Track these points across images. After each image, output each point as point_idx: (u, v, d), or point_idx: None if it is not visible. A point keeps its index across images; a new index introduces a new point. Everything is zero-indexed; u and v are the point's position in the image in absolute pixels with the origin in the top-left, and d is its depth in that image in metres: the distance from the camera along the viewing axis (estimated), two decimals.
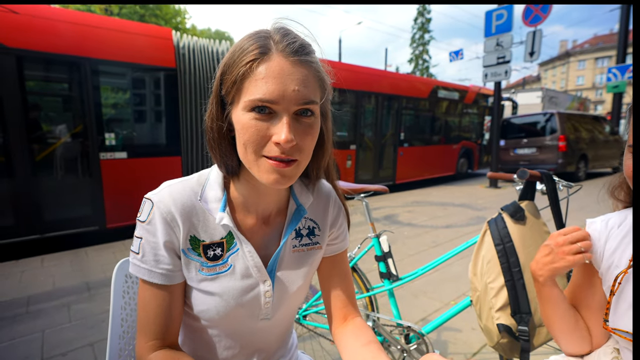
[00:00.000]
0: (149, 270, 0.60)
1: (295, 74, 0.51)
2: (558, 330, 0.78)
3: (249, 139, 0.52)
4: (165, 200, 0.59)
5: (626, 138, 0.68)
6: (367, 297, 1.51)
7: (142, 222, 0.60)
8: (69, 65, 3.79)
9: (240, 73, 0.51)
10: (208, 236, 0.62)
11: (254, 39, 0.53)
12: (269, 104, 0.51)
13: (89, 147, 3.94)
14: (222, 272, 0.63)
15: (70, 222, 3.94)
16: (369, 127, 7.32)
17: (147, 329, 0.61)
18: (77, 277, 2.91)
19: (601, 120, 10.42)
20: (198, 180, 0.64)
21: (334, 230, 0.75)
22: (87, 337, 2.01)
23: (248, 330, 0.68)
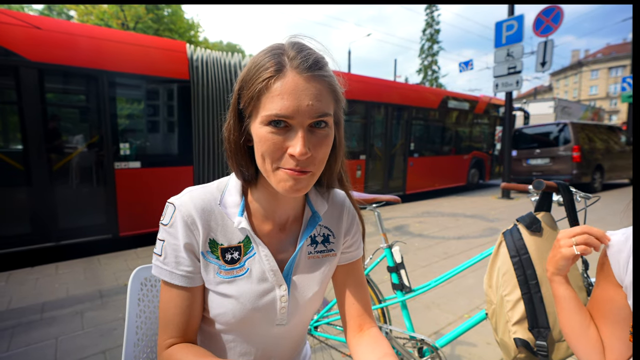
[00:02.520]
0: (170, 272, 0.62)
1: (309, 89, 0.53)
2: (567, 330, 0.78)
3: (266, 151, 0.55)
4: (186, 204, 0.62)
5: None
6: (379, 308, 1.49)
7: (164, 225, 0.63)
8: (87, 78, 3.91)
9: (257, 89, 0.54)
10: (226, 240, 0.64)
11: (269, 55, 0.55)
12: (284, 118, 0.53)
13: (104, 156, 4.04)
14: (239, 275, 0.64)
15: (85, 230, 4.02)
16: (378, 138, 7.32)
17: (167, 328, 0.64)
18: (90, 284, 2.94)
19: (616, 130, 10.21)
20: (218, 186, 0.67)
21: (348, 239, 0.76)
22: (100, 344, 2.03)
23: (263, 336, 0.68)
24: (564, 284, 0.78)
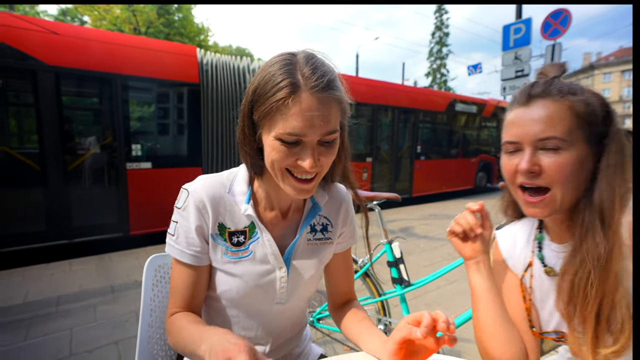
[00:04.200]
0: (180, 251, 0.69)
1: (321, 109, 0.58)
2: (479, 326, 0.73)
3: (277, 159, 0.61)
4: (199, 190, 0.69)
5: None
6: (379, 301, 1.54)
7: (178, 208, 0.70)
8: (101, 81, 4.05)
9: (272, 108, 0.58)
10: (233, 224, 0.72)
11: (284, 71, 0.58)
12: (297, 137, 0.58)
13: (117, 157, 4.16)
14: (244, 257, 0.72)
15: (97, 229, 4.14)
16: (385, 140, 7.36)
17: (174, 298, 0.73)
18: (103, 280, 3.04)
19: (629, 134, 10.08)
20: (228, 176, 0.74)
21: (345, 229, 0.83)
22: (112, 335, 2.11)
23: (264, 313, 0.76)
24: (477, 271, 0.73)
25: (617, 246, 0.55)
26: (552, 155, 0.60)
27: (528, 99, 0.63)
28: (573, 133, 0.60)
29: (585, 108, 0.61)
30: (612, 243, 0.55)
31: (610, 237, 0.56)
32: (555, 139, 0.59)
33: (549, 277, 0.69)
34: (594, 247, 0.56)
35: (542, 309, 0.71)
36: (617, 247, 0.55)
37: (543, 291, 0.70)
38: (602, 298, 0.56)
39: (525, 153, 0.62)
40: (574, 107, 0.60)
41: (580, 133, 0.60)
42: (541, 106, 0.61)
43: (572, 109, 0.60)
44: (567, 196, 0.60)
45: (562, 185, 0.59)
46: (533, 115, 0.61)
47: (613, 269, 0.54)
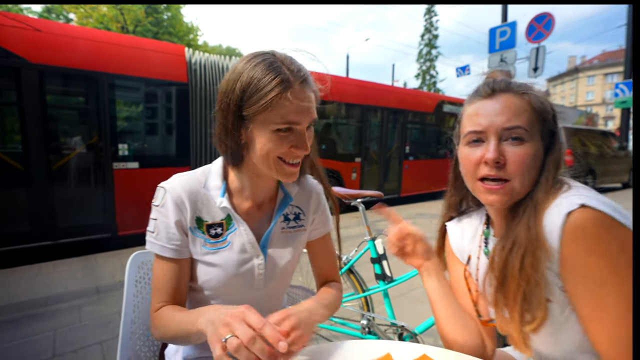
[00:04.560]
0: (161, 246, 0.72)
1: (308, 99, 0.68)
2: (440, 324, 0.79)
3: (273, 148, 0.68)
4: (175, 187, 0.73)
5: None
6: (362, 297, 1.57)
7: (156, 206, 0.73)
8: (87, 80, 4.00)
9: (269, 103, 0.64)
10: (211, 217, 0.76)
11: (273, 69, 0.65)
12: (294, 125, 0.67)
13: (103, 157, 4.11)
14: (222, 247, 0.76)
15: (83, 229, 4.08)
16: (374, 141, 7.42)
17: (158, 293, 0.74)
18: (88, 281, 3.01)
19: (609, 135, 10.37)
20: (202, 172, 0.78)
21: (316, 217, 0.89)
22: (96, 336, 2.10)
23: (244, 300, 0.77)
24: (429, 275, 0.80)
25: (541, 232, 0.59)
26: (515, 147, 0.63)
27: (492, 92, 0.67)
28: (533, 126, 0.64)
29: (541, 105, 0.66)
30: (537, 229, 0.59)
31: (537, 224, 0.60)
32: (520, 128, 0.63)
33: None
34: (526, 231, 0.61)
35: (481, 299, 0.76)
36: (541, 233, 0.59)
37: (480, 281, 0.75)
38: (527, 279, 0.60)
39: (491, 143, 0.64)
40: (533, 102, 0.65)
41: (537, 127, 0.65)
42: (505, 99, 0.65)
43: (531, 104, 0.65)
44: (525, 186, 0.64)
45: (520, 176, 0.63)
46: (497, 106, 0.65)
47: (538, 254, 0.59)
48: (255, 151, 0.70)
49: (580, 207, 0.55)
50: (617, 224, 0.54)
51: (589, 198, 0.56)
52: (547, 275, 0.60)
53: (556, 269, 0.59)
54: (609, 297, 0.53)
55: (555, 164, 0.65)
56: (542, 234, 0.59)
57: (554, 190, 0.62)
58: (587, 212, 0.55)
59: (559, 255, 0.57)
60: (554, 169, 0.64)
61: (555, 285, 0.60)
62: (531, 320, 0.61)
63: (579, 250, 0.55)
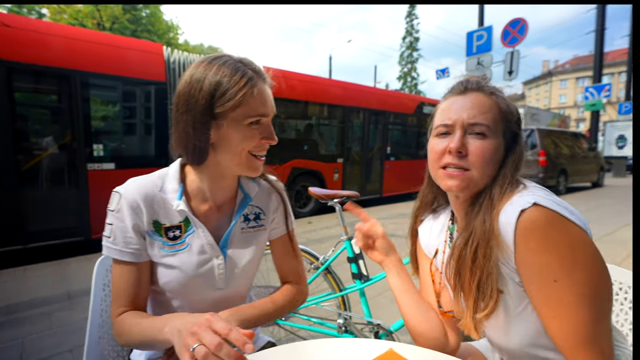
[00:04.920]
0: (119, 251, 0.73)
1: (269, 94, 0.75)
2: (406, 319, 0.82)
3: (250, 143, 0.73)
4: (131, 191, 0.74)
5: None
6: (339, 296, 1.59)
7: (112, 211, 0.74)
8: (59, 78, 3.85)
9: (242, 99, 0.69)
10: (168, 220, 0.76)
11: (239, 69, 0.70)
12: (264, 117, 0.73)
13: (77, 158, 3.97)
14: (181, 249, 0.76)
15: (55, 233, 3.93)
16: (356, 142, 7.49)
17: (118, 299, 0.74)
18: (59, 286, 2.90)
19: (580, 136, 10.83)
20: (159, 175, 0.79)
21: (276, 216, 0.91)
22: (67, 343, 2.02)
23: (206, 300, 0.80)
24: (390, 270, 0.85)
25: (495, 225, 0.63)
26: (477, 141, 0.67)
27: (464, 90, 0.72)
28: (496, 124, 0.68)
29: (506, 107, 0.71)
30: (492, 223, 0.63)
31: (492, 219, 0.63)
32: (483, 125, 0.67)
33: None
34: (481, 224, 0.64)
35: (443, 290, 0.80)
36: (496, 226, 0.62)
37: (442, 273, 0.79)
38: (481, 269, 0.63)
39: (456, 135, 0.68)
40: (499, 103, 0.70)
41: (500, 126, 0.69)
42: (475, 97, 0.70)
43: (497, 104, 0.70)
44: (483, 178, 0.68)
45: (480, 168, 0.67)
46: (467, 103, 0.70)
47: (490, 246, 0.62)
48: (228, 148, 0.72)
49: (533, 205, 0.58)
50: (567, 222, 0.57)
51: (542, 198, 0.59)
52: (502, 269, 0.63)
53: (512, 264, 0.61)
54: (562, 292, 0.56)
55: (514, 164, 0.69)
56: (496, 228, 0.62)
57: (510, 189, 0.66)
58: (538, 210, 0.57)
59: (514, 252, 0.60)
60: (512, 168, 0.68)
61: (510, 279, 0.63)
62: (483, 308, 0.64)
63: (531, 248, 0.57)
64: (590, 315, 0.55)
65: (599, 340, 0.56)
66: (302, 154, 6.39)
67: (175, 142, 0.76)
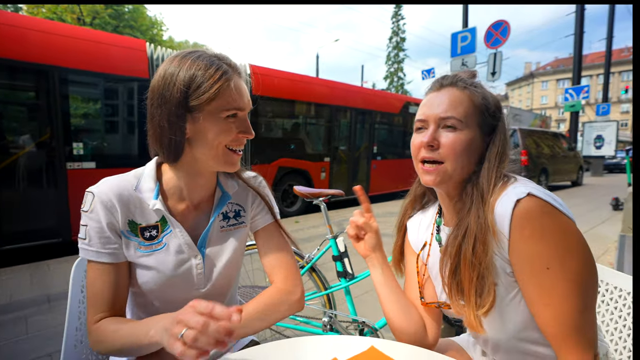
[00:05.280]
0: (96, 252, 0.70)
1: (244, 89, 0.74)
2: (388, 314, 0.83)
3: (226, 137, 0.71)
4: (104, 190, 0.72)
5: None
6: (324, 295, 1.59)
7: (85, 211, 0.71)
8: (37, 74, 3.73)
9: (216, 92, 0.68)
10: (144, 220, 0.75)
11: (214, 62, 0.70)
12: (240, 110, 0.72)
13: (55, 156, 3.85)
14: (158, 249, 0.75)
15: (33, 234, 3.80)
16: (343, 141, 7.51)
17: (96, 304, 0.70)
18: (37, 289, 2.81)
19: (560, 136, 11.14)
20: (135, 175, 0.77)
21: (254, 208, 0.89)
22: (45, 348, 1.96)
23: (186, 300, 0.75)
24: (374, 266, 0.85)
25: (490, 220, 0.64)
26: (449, 134, 0.70)
27: (439, 87, 0.74)
28: (468, 117, 0.70)
29: (482, 100, 0.72)
30: (486, 217, 0.64)
31: (486, 212, 0.65)
32: (453, 118, 0.69)
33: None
34: (475, 219, 0.65)
35: (438, 283, 0.80)
36: (490, 221, 0.63)
37: (437, 267, 0.79)
38: (479, 264, 0.64)
39: (430, 129, 0.71)
40: (472, 97, 0.72)
41: (474, 119, 0.70)
42: (447, 92, 0.72)
43: (470, 98, 0.71)
44: (457, 169, 0.70)
45: (453, 159, 0.69)
46: (440, 99, 0.72)
47: (487, 240, 0.63)
48: (205, 142, 0.71)
49: (528, 195, 0.60)
50: (558, 212, 0.59)
51: (535, 189, 0.61)
52: (496, 261, 0.64)
53: (505, 254, 0.63)
54: (555, 280, 0.58)
55: (499, 157, 0.70)
56: (492, 221, 0.63)
57: (502, 182, 0.67)
58: (533, 200, 0.59)
59: (508, 241, 0.61)
60: (496, 160, 0.69)
61: (502, 270, 0.65)
62: (483, 304, 0.65)
63: (526, 236, 0.59)
64: (579, 303, 0.57)
65: (586, 328, 0.59)
66: (289, 153, 6.37)
67: (151, 138, 0.75)
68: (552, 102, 51.43)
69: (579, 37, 12.83)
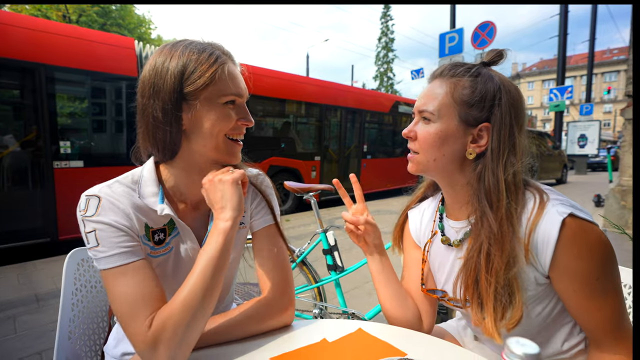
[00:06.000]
0: (117, 255, 0.62)
1: (240, 76, 0.73)
2: (384, 304, 0.85)
3: (226, 125, 0.69)
4: (111, 194, 0.67)
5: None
6: (315, 288, 1.62)
7: (90, 216, 0.64)
8: (22, 72, 3.67)
9: (212, 76, 0.66)
10: (154, 224, 0.72)
11: (206, 49, 0.68)
12: (238, 97, 0.70)
13: (42, 155, 3.79)
14: (165, 253, 0.73)
15: (19, 234, 3.74)
16: (333, 140, 7.56)
17: (139, 312, 0.60)
18: (25, 289, 2.77)
19: (545, 136, 11.40)
20: (132, 179, 0.72)
21: (253, 207, 0.85)
22: (35, 346, 1.95)
23: None
24: (372, 259, 0.86)
25: (506, 226, 0.64)
26: (423, 125, 0.72)
27: (431, 78, 0.76)
28: (442, 109, 0.70)
29: (466, 91, 0.69)
30: (501, 223, 0.64)
31: (497, 218, 0.65)
32: (426, 111, 0.71)
33: (445, 245, 0.80)
34: (487, 226, 0.65)
35: (437, 272, 0.83)
36: (506, 227, 0.64)
37: (439, 257, 0.82)
38: (498, 272, 0.64)
39: (413, 121, 0.75)
40: (454, 88, 0.70)
41: (451, 110, 0.69)
42: (433, 84, 0.73)
43: (451, 89, 0.70)
44: (430, 161, 0.72)
45: (424, 151, 0.72)
46: (425, 91, 0.74)
47: (506, 246, 0.63)
48: (203, 132, 0.67)
49: (569, 216, 0.61)
50: (595, 227, 0.62)
51: (574, 208, 0.63)
52: (527, 273, 0.66)
53: (544, 269, 0.64)
54: (604, 287, 0.62)
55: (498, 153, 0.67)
56: (509, 225, 0.64)
57: (534, 196, 0.66)
58: (575, 221, 0.61)
59: (552, 259, 0.62)
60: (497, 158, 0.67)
61: (534, 281, 0.66)
62: (510, 318, 0.64)
63: (574, 254, 0.61)
64: (622, 300, 0.64)
65: (627, 319, 0.65)
66: (280, 151, 6.39)
67: (143, 135, 0.70)
68: (538, 102, 52.45)
69: (562, 39, 13.14)
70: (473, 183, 0.70)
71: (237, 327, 0.72)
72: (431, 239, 0.84)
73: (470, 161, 0.71)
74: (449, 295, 0.79)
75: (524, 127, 0.72)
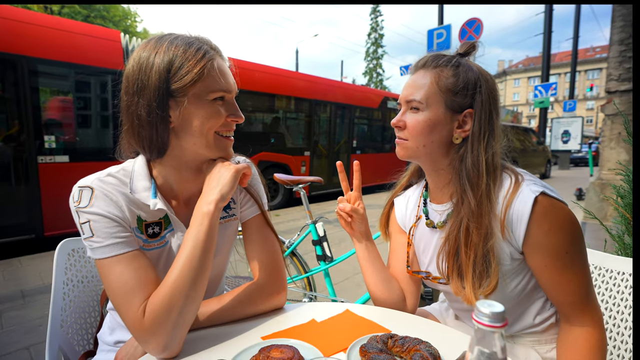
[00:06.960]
0: (112, 245, 0.63)
1: (228, 71, 0.71)
2: (371, 288, 0.89)
3: (216, 122, 0.68)
4: (103, 186, 0.66)
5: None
6: (305, 278, 1.65)
7: (84, 207, 0.63)
8: (3, 63, 3.57)
9: (200, 71, 0.64)
10: (148, 217, 0.72)
11: (193, 43, 0.66)
12: (227, 93, 0.69)
13: (25, 150, 3.71)
14: (160, 247, 0.74)
15: (4, 231, 3.66)
16: (323, 135, 7.58)
17: (134, 299, 0.61)
18: (10, 286, 2.73)
19: (530, 131, 11.65)
20: (124, 174, 0.71)
21: (242, 198, 0.86)
22: (23, 341, 1.93)
23: None
24: (360, 242, 0.90)
25: (485, 203, 0.69)
26: (412, 114, 0.75)
27: (415, 69, 0.79)
28: (430, 98, 0.73)
29: (450, 80, 0.73)
30: (480, 200, 0.69)
31: (477, 196, 0.69)
32: (414, 101, 0.74)
33: (429, 228, 0.84)
34: (467, 204, 0.70)
35: (422, 254, 0.87)
36: (485, 204, 0.68)
37: (424, 240, 0.86)
38: (477, 245, 0.68)
39: (401, 111, 0.78)
40: (438, 77, 0.73)
41: (438, 99, 0.73)
42: (417, 75, 0.76)
43: (436, 78, 0.73)
44: (420, 147, 0.75)
45: (414, 138, 0.75)
46: (410, 82, 0.77)
47: (484, 221, 0.68)
48: (193, 130, 0.66)
49: (541, 194, 0.66)
50: (564, 205, 0.67)
51: (545, 187, 0.67)
52: (502, 247, 0.70)
53: (518, 244, 0.69)
54: (573, 260, 0.67)
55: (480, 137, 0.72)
56: (487, 203, 0.69)
57: (510, 177, 0.71)
58: (547, 199, 0.66)
59: (525, 234, 0.67)
60: (478, 141, 0.72)
61: (509, 255, 0.71)
62: (486, 286, 0.69)
63: (545, 230, 0.66)
64: (589, 276, 0.69)
65: (594, 294, 0.70)
66: (269, 146, 6.38)
67: (129, 133, 0.68)
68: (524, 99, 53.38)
69: (547, 37, 13.40)
70: (455, 164, 0.75)
71: (231, 311, 0.74)
72: (416, 223, 0.88)
73: (454, 145, 0.76)
74: (432, 275, 0.83)
75: (500, 113, 0.78)
